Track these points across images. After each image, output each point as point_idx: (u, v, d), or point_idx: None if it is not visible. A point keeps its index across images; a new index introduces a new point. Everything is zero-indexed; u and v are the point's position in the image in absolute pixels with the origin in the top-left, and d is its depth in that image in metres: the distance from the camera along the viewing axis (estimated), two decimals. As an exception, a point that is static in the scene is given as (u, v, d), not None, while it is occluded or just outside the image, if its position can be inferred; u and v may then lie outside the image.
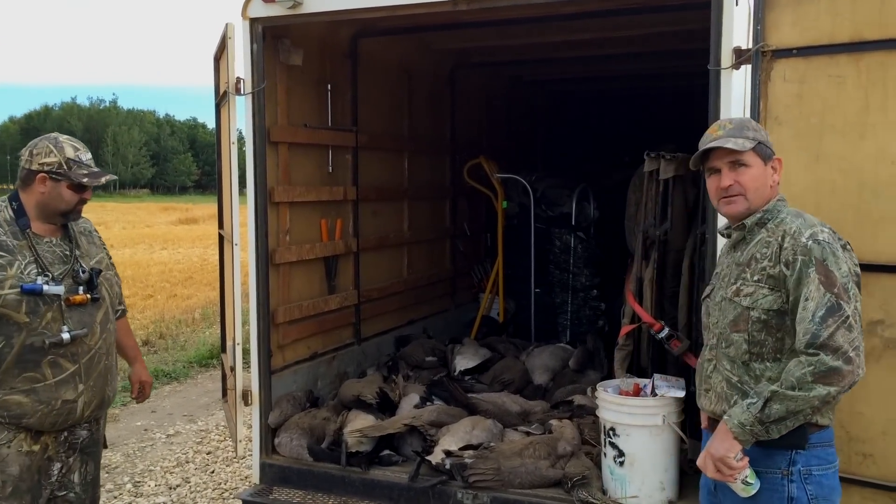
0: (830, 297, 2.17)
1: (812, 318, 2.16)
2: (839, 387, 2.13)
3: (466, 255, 7.35)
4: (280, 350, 4.68)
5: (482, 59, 6.78)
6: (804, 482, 2.29)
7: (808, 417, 2.20)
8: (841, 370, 2.12)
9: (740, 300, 2.37)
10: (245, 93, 4.26)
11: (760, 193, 2.41)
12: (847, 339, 2.14)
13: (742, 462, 2.27)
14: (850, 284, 2.21)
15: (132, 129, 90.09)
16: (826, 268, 2.20)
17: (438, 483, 3.85)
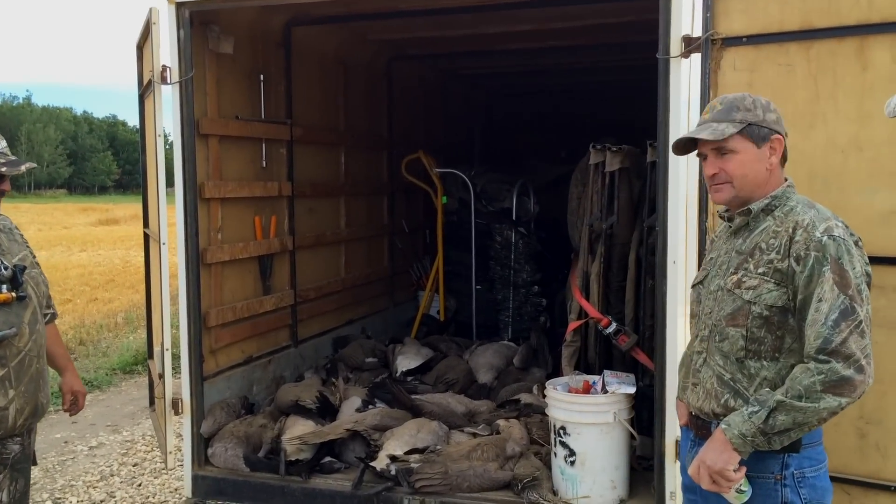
0: (845, 300, 2.00)
1: (825, 321, 1.99)
2: (850, 398, 1.98)
3: (405, 253, 7.22)
4: (212, 355, 4.44)
5: (419, 52, 6.66)
6: (798, 486, 2.16)
7: (814, 428, 2.06)
8: (853, 380, 1.97)
9: (741, 293, 2.18)
10: (171, 82, 4.01)
11: (751, 179, 2.22)
12: (860, 345, 1.98)
13: (739, 473, 2.13)
14: (863, 285, 2.05)
15: (47, 127, 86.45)
16: (841, 267, 2.02)
17: (384, 490, 3.71)
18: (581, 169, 4.84)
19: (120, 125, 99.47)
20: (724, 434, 2.10)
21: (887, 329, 2.95)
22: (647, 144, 4.12)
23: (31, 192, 78.11)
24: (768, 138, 2.21)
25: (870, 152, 2.95)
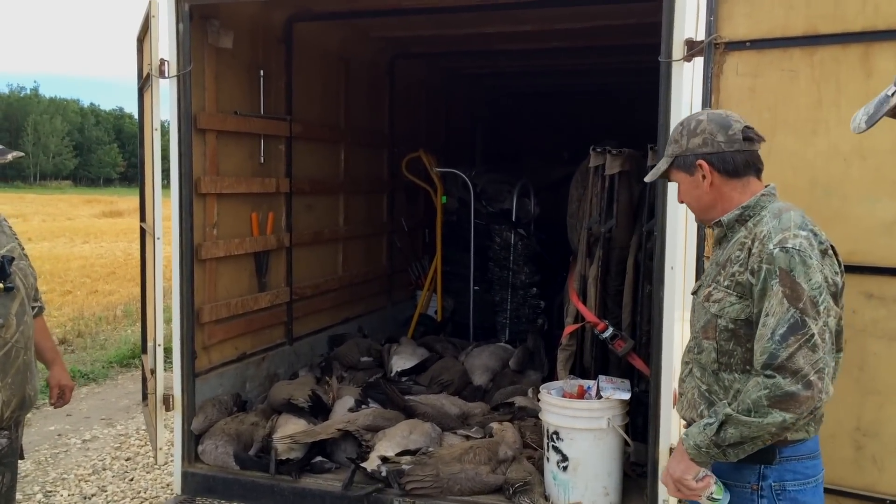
0: (794, 313, 1.94)
1: (772, 336, 1.95)
2: (796, 413, 1.92)
3: (404, 252, 7.18)
4: (205, 351, 4.40)
5: (421, 50, 6.62)
6: (777, 498, 2.11)
7: (768, 442, 2.01)
8: (798, 396, 1.91)
9: (709, 306, 2.17)
10: (170, 76, 3.97)
11: (695, 205, 2.27)
12: (809, 360, 1.91)
13: (702, 482, 2.12)
14: (820, 297, 1.96)
15: (54, 119, 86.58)
16: (792, 279, 1.96)
17: (374, 491, 3.67)
18: (581, 171, 4.81)
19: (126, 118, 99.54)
20: (683, 444, 2.11)
21: (887, 340, 2.90)
22: (647, 148, 4.08)
23: (36, 182, 78.26)
24: (693, 165, 2.20)
25: (873, 161, 2.91)
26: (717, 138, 2.18)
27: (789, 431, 1.99)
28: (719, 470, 2.15)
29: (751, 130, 2.20)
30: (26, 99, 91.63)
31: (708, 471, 2.14)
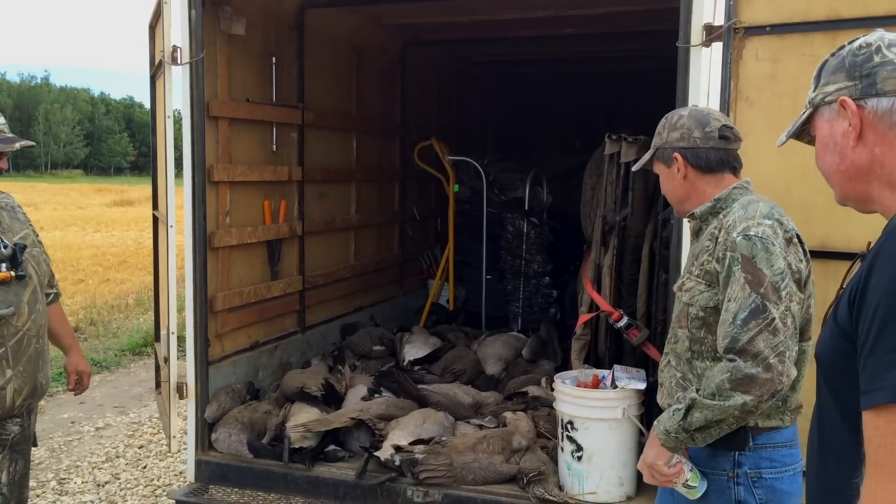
0: (756, 298, 1.97)
1: (733, 320, 1.98)
2: (756, 396, 1.94)
3: (416, 241, 7.16)
4: (218, 339, 4.40)
5: (434, 38, 6.57)
6: (753, 485, 2.13)
7: (734, 426, 2.01)
8: (758, 378, 1.93)
9: (681, 295, 2.24)
10: (182, 63, 3.95)
11: (672, 196, 2.37)
12: (769, 343, 1.94)
13: (675, 468, 2.16)
14: (783, 283, 1.99)
15: (65, 108, 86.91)
16: (754, 266, 2.00)
17: (387, 480, 3.66)
18: (596, 160, 4.76)
19: (137, 107, 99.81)
20: (654, 430, 2.16)
21: None
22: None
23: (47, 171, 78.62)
24: (670, 157, 2.30)
25: None
26: (694, 134, 2.26)
27: (753, 415, 2.01)
28: (696, 458, 2.19)
29: (728, 130, 2.28)
30: (37, 88, 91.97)
31: (682, 458, 2.17)
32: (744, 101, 3.05)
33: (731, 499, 2.15)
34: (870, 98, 1.31)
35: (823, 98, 1.38)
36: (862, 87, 1.32)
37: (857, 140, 1.32)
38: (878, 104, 1.30)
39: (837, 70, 1.37)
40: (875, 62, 1.32)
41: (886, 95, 1.30)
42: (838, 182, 1.38)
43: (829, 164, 1.39)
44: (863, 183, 1.34)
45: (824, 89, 1.39)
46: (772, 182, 2.94)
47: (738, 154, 2.31)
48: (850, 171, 1.35)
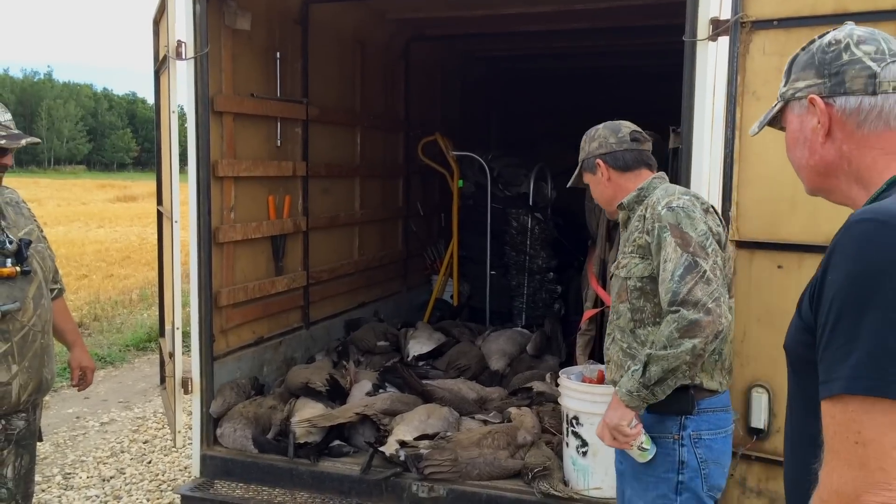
0: (687, 257, 2.25)
1: (672, 277, 2.25)
2: (703, 337, 2.19)
3: (420, 236, 7.15)
4: (223, 335, 4.40)
5: (437, 32, 6.56)
6: (694, 446, 2.37)
7: (688, 374, 2.25)
8: (700, 321, 2.18)
9: (619, 272, 2.50)
10: (187, 57, 3.94)
11: (602, 199, 2.69)
12: (706, 291, 2.21)
13: (636, 429, 2.36)
14: (706, 242, 2.29)
15: (68, 103, 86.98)
16: (681, 230, 2.29)
17: (392, 475, 3.67)
18: (600, 155, 4.74)
19: (139, 102, 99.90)
20: (616, 394, 2.37)
21: None
22: (669, 130, 4.02)
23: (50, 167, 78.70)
24: (594, 165, 2.64)
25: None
26: (610, 140, 2.62)
27: (702, 358, 2.23)
28: (646, 424, 2.40)
29: (638, 133, 2.64)
30: (40, 84, 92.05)
31: (639, 422, 2.38)
32: (750, 95, 3.03)
33: (675, 459, 2.38)
34: (838, 97, 1.33)
35: (794, 94, 1.40)
36: (830, 86, 1.34)
37: (825, 137, 1.35)
38: (845, 103, 1.33)
39: (807, 66, 1.39)
40: (843, 61, 1.34)
41: (854, 94, 1.32)
42: (807, 176, 1.42)
43: (798, 158, 1.42)
44: (831, 178, 1.38)
45: (794, 85, 1.40)
46: (777, 176, 2.93)
47: (650, 153, 2.65)
48: (819, 166, 1.38)
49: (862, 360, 1.08)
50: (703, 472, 2.36)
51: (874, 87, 1.31)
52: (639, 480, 2.45)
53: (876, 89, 1.30)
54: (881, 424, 1.06)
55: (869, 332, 1.09)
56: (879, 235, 1.13)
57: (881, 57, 1.32)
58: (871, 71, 1.31)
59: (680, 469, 2.37)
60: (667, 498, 2.39)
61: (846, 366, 1.09)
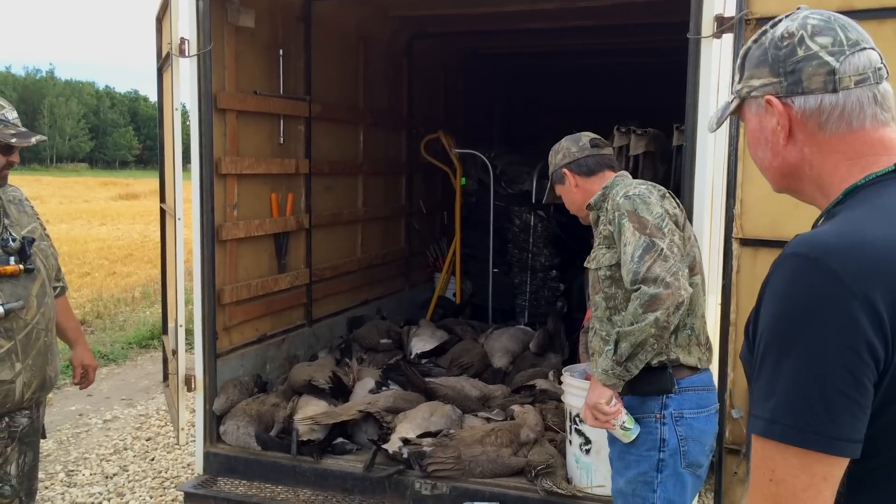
0: (645, 238, 2.40)
1: (632, 259, 2.39)
2: (664, 309, 2.33)
3: (422, 234, 7.15)
4: (226, 332, 4.40)
5: (440, 30, 6.55)
6: (675, 424, 2.47)
7: (656, 346, 2.38)
8: (660, 295, 2.33)
9: (591, 265, 2.67)
10: (190, 55, 3.94)
11: (577, 202, 2.83)
12: (664, 268, 2.35)
13: (615, 408, 2.48)
14: (663, 223, 2.44)
15: (70, 101, 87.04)
16: (638, 215, 2.45)
17: (395, 472, 3.66)
18: (604, 152, 4.74)
19: (141, 100, 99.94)
20: (594, 375, 2.51)
21: None
22: (673, 128, 4.02)
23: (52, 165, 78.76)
24: (562, 176, 2.83)
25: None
26: (572, 150, 2.81)
27: (667, 330, 2.37)
28: (630, 405, 2.52)
29: (597, 139, 2.84)
30: (42, 82, 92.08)
31: (619, 402, 2.51)
32: (755, 92, 3.02)
33: (657, 438, 2.49)
34: (796, 97, 1.23)
35: (749, 92, 1.30)
36: (787, 85, 1.23)
37: (787, 139, 1.26)
38: (804, 103, 1.23)
39: (761, 63, 1.27)
40: (799, 56, 1.22)
41: (813, 93, 1.21)
42: (772, 176, 1.34)
43: (762, 159, 1.33)
44: (796, 180, 1.30)
45: (749, 83, 1.29)
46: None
47: (611, 157, 2.85)
48: (783, 168, 1.30)
49: (779, 405, 1.07)
50: (683, 449, 2.47)
51: (834, 84, 1.20)
52: (621, 460, 2.57)
53: (836, 86, 1.20)
54: (793, 467, 1.06)
55: (788, 376, 1.07)
56: (808, 276, 1.08)
57: (839, 49, 1.20)
58: (830, 67, 1.20)
59: (661, 447, 2.48)
60: (648, 475, 2.50)
61: (766, 407, 1.09)
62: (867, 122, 1.21)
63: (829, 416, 1.04)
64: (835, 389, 1.04)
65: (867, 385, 1.04)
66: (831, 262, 1.06)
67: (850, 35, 1.21)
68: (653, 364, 2.47)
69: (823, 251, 1.08)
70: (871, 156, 1.21)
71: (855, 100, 1.20)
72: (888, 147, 1.21)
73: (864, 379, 1.04)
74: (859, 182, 1.19)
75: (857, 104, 1.20)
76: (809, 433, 1.04)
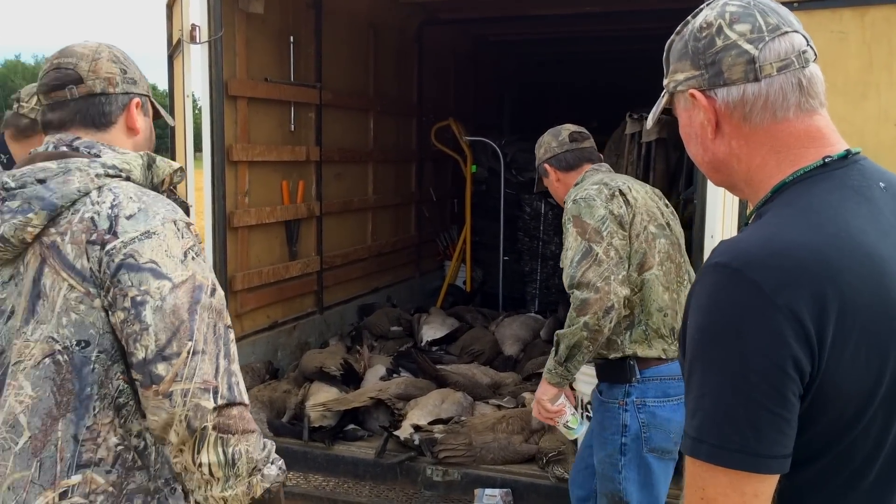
0: (584, 244, 2.48)
1: (571, 263, 2.49)
2: (592, 314, 2.40)
3: (432, 222, 7.14)
4: (238, 319, 4.42)
5: (450, 16, 6.52)
6: (637, 411, 2.54)
7: (592, 349, 2.46)
8: (589, 300, 2.41)
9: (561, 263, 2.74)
10: (201, 42, 3.93)
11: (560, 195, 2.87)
12: (596, 273, 2.43)
13: (558, 407, 2.61)
14: (603, 226, 2.50)
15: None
16: (580, 220, 2.53)
17: (406, 459, 3.67)
18: (615, 139, 4.73)
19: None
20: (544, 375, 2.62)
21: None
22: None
23: (63, 153, 78.98)
24: (546, 170, 2.87)
25: (924, 126, 2.81)
26: (552, 145, 2.86)
27: (601, 333, 2.44)
28: (600, 391, 2.64)
29: (577, 133, 2.86)
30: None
31: (567, 403, 2.68)
32: (769, 78, 3.00)
33: (619, 423, 2.57)
34: (719, 88, 1.17)
35: (675, 87, 1.25)
36: (709, 78, 1.18)
37: (714, 133, 1.21)
38: (727, 95, 1.17)
39: (682, 56, 1.22)
40: (718, 47, 1.17)
41: (735, 84, 1.16)
42: (707, 172, 1.29)
43: (695, 154, 1.28)
44: (726, 175, 1.25)
45: (674, 77, 1.25)
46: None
47: (592, 149, 2.87)
48: (714, 163, 1.25)
49: (704, 423, 1.05)
50: (645, 436, 2.54)
51: (755, 72, 1.14)
52: (597, 439, 2.67)
53: (758, 75, 1.14)
54: (723, 486, 1.05)
55: (712, 393, 1.04)
56: (730, 288, 1.04)
57: (758, 36, 1.14)
58: (749, 55, 1.14)
59: (623, 432, 2.56)
60: (613, 457, 2.60)
61: (693, 426, 1.07)
62: (791, 111, 1.15)
63: (755, 433, 1.01)
64: (759, 406, 1.01)
65: (792, 399, 1.02)
66: (753, 273, 1.02)
67: (770, 20, 1.15)
68: (610, 358, 2.57)
69: (745, 261, 1.04)
70: (798, 148, 1.16)
71: (778, 88, 1.15)
72: (815, 138, 1.16)
73: (788, 393, 1.01)
74: (787, 179, 1.15)
75: (781, 92, 1.15)
76: (736, 453, 1.02)
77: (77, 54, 1.53)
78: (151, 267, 1.35)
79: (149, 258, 1.36)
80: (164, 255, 1.37)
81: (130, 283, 1.34)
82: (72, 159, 1.44)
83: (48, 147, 1.50)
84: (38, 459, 1.36)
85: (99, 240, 1.36)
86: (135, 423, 1.42)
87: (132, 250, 1.35)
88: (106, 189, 1.41)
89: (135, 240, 1.36)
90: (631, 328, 2.55)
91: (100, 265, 1.35)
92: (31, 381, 1.37)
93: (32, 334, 1.38)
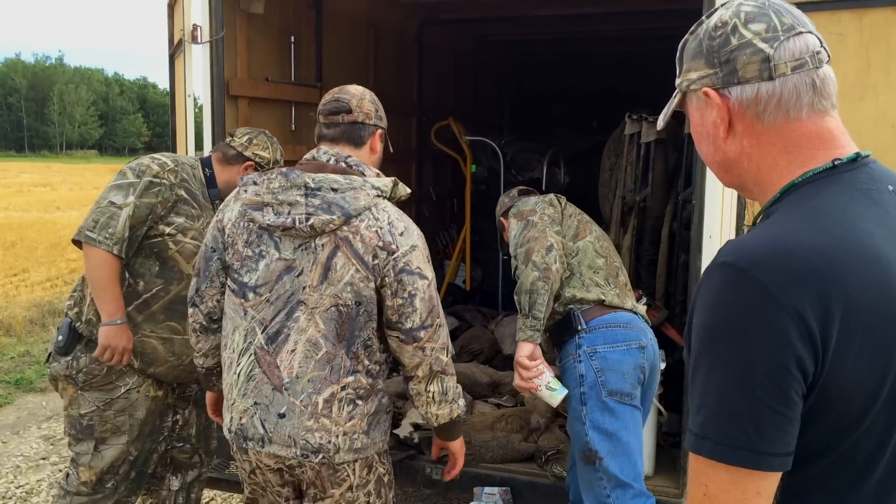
0: (521, 223, 2.92)
1: (514, 239, 2.94)
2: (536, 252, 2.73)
3: (432, 221, 7.15)
4: (239, 317, 4.43)
5: (450, 16, 6.53)
6: (590, 359, 2.69)
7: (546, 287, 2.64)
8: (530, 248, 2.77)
9: None
10: (202, 41, 3.95)
11: None
12: (533, 231, 2.83)
13: (536, 363, 2.70)
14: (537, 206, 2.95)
15: (79, 88, 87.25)
16: (517, 211, 2.99)
17: (406, 458, 3.69)
18: (614, 139, 4.74)
19: (150, 87, 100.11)
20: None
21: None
22: (684, 116, 4.01)
23: (62, 152, 79.09)
24: (500, 223, 3.28)
25: (921, 128, 2.83)
26: (504, 201, 3.33)
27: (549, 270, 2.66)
28: (559, 354, 2.81)
29: (525, 189, 3.31)
30: (52, 68, 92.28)
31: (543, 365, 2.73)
32: (768, 79, 3.02)
33: (576, 375, 2.71)
34: (732, 87, 1.19)
35: (688, 86, 1.26)
36: (723, 76, 1.20)
37: (727, 132, 1.22)
38: (741, 93, 1.18)
39: (696, 55, 1.24)
40: (733, 45, 1.18)
41: (749, 83, 1.17)
42: (717, 172, 1.31)
43: (705, 154, 1.30)
44: (736, 175, 1.26)
45: (687, 76, 1.26)
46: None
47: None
48: (724, 163, 1.26)
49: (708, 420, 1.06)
50: (601, 380, 2.67)
51: (770, 71, 1.15)
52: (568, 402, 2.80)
53: (772, 73, 1.15)
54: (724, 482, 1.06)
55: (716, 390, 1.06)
56: (736, 287, 1.05)
57: (773, 35, 1.16)
58: (764, 54, 1.15)
59: (581, 382, 2.70)
60: (576, 410, 2.73)
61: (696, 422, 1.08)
62: (804, 111, 1.17)
63: (758, 431, 1.03)
64: (763, 404, 1.02)
65: (795, 398, 1.03)
66: (759, 273, 1.04)
67: (785, 20, 1.17)
68: (558, 315, 2.78)
69: (752, 261, 1.05)
70: (808, 150, 1.17)
71: (792, 87, 1.16)
72: (826, 140, 1.18)
73: (791, 393, 1.02)
74: (796, 180, 1.16)
75: (795, 92, 1.16)
76: (739, 450, 1.03)
77: (350, 93, 2.37)
78: (419, 272, 2.16)
79: (416, 265, 2.16)
80: (423, 261, 2.18)
81: (408, 283, 2.13)
82: (352, 177, 2.16)
83: (329, 159, 2.25)
84: (330, 365, 2.15)
85: (387, 248, 2.12)
86: (375, 355, 2.21)
87: (408, 260, 2.14)
88: (381, 208, 2.16)
89: (408, 252, 2.15)
90: (571, 277, 2.80)
91: (385, 265, 2.12)
92: (323, 320, 2.14)
93: (325, 291, 2.12)
